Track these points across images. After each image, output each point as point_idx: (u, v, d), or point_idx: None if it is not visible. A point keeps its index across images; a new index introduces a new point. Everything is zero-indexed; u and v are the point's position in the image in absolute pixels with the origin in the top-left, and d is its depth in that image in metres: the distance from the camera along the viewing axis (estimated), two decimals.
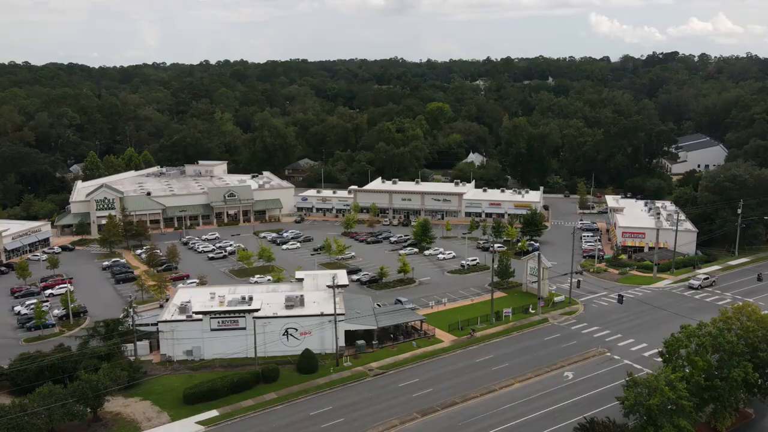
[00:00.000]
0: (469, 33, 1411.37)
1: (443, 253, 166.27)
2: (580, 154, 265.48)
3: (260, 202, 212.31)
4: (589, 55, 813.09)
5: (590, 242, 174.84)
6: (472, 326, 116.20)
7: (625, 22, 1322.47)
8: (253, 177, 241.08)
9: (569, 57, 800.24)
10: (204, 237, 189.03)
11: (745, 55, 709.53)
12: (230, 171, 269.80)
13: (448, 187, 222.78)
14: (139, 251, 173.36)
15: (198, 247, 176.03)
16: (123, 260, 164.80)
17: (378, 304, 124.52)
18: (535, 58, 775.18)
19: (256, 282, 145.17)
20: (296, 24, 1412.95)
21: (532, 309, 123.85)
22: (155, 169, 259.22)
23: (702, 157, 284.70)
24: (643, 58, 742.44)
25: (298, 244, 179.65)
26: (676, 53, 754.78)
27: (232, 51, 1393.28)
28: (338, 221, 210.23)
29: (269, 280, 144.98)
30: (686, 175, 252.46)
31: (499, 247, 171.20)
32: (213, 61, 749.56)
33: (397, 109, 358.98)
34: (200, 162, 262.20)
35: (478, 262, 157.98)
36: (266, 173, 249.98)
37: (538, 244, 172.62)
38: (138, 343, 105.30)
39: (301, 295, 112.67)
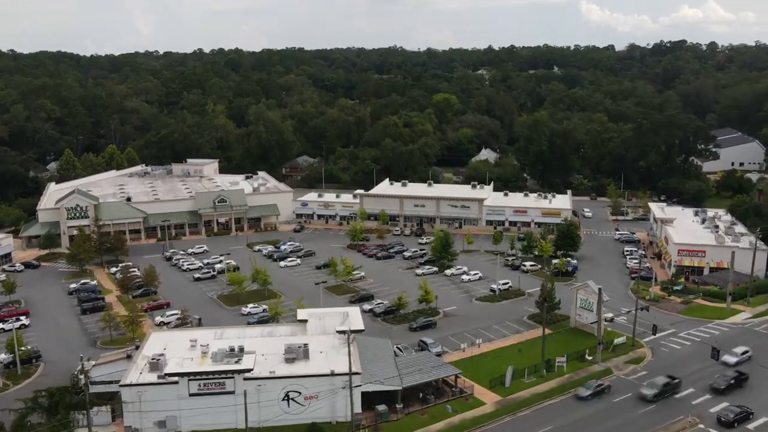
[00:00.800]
0: (461, 22, 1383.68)
1: (468, 274, 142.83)
2: (606, 152, 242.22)
3: (255, 209, 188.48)
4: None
5: (635, 259, 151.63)
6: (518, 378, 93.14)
7: (616, 10, 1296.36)
8: (247, 178, 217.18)
9: (574, 46, 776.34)
10: (190, 250, 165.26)
11: (753, 44, 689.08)
12: (222, 170, 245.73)
13: (465, 190, 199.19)
14: (114, 269, 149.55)
15: (183, 264, 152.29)
16: (93, 282, 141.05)
17: (398, 348, 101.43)
18: (537, 47, 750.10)
19: (249, 313, 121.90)
20: (291, 12, 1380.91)
21: (590, 356, 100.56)
22: (139, 168, 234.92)
23: (737, 154, 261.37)
24: (649, 46, 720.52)
25: (298, 260, 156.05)
26: (684, 42, 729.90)
27: (227, 40, 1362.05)
28: (342, 230, 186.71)
29: (265, 310, 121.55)
30: (725, 176, 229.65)
31: (531, 266, 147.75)
32: (207, 50, 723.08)
33: (401, 101, 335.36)
34: (189, 161, 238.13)
35: (510, 286, 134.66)
36: (261, 174, 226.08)
37: (575, 261, 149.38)
38: (96, 409, 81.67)
39: (305, 345, 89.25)
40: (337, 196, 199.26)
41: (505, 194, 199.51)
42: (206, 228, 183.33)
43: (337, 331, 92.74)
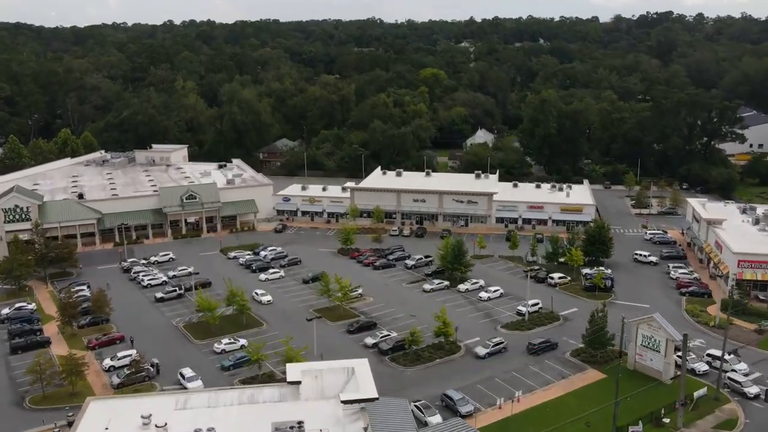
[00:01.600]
0: None
1: (486, 290, 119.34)
2: (618, 134, 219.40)
3: (229, 205, 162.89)
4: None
5: (682, 268, 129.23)
6: None
7: None
8: (221, 167, 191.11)
9: (559, 17, 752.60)
10: (153, 259, 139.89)
11: (740, 16, 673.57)
12: (192, 157, 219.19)
13: (468, 181, 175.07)
14: (60, 286, 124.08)
15: (143, 279, 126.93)
16: (31, 306, 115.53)
17: (417, 407, 78.37)
18: (520, 18, 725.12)
19: (223, 351, 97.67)
20: None
21: (667, 418, 77.90)
22: (97, 155, 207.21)
23: (759, 135, 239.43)
24: (634, 18, 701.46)
25: (282, 272, 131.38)
26: (670, 13, 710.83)
27: (199, 10, 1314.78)
28: (331, 229, 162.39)
29: (243, 347, 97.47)
30: (752, 161, 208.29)
31: (560, 278, 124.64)
32: (178, 21, 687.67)
33: (387, 77, 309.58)
34: (154, 146, 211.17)
35: (541, 307, 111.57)
36: (236, 162, 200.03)
37: (609, 271, 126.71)
38: None
39: (299, 423, 65.21)
40: (324, 189, 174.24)
41: (515, 185, 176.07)
42: (173, 229, 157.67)
43: (342, 402, 68.90)
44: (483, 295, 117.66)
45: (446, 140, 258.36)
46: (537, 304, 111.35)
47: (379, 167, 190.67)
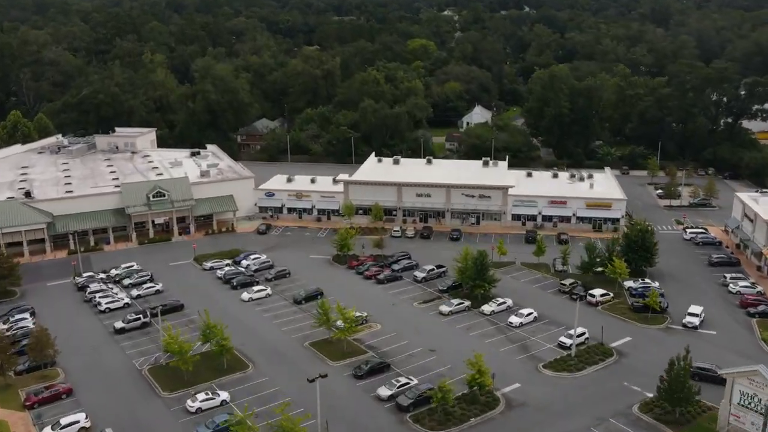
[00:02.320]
0: None
1: (517, 313, 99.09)
2: (632, 113, 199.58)
3: (204, 203, 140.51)
4: None
5: (741, 280, 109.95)
6: None
7: None
8: (194, 155, 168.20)
9: None
10: (114, 272, 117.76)
11: None
12: (161, 141, 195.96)
13: (474, 168, 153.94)
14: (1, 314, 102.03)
15: (100, 302, 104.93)
16: None
17: None
18: None
19: (198, 410, 76.77)
20: None
21: None
22: (53, 140, 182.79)
23: None
24: None
25: (269, 290, 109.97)
26: None
27: None
28: (322, 229, 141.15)
29: (224, 402, 76.74)
30: None
31: (602, 296, 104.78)
32: None
33: (373, 49, 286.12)
34: (118, 130, 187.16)
35: (588, 338, 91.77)
36: (212, 148, 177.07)
37: (656, 284, 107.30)
38: None
39: None
40: (313, 181, 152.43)
41: (529, 175, 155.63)
42: (138, 232, 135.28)
43: None
44: (514, 320, 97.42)
45: (441, 118, 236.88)
46: (583, 334, 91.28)
47: (374, 154, 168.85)
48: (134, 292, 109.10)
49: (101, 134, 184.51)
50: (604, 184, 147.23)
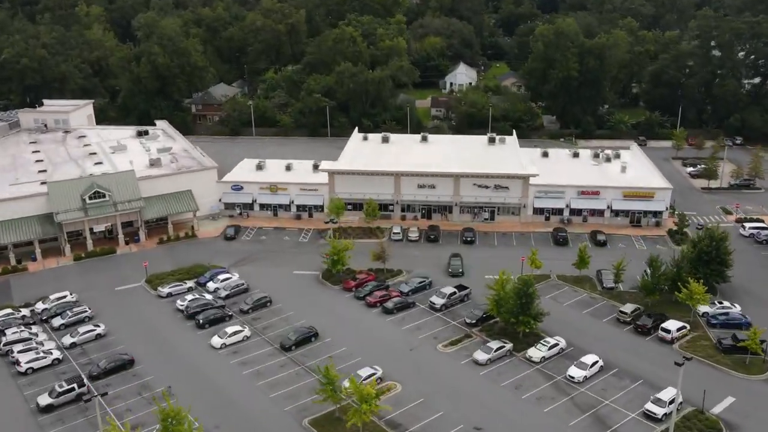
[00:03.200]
0: None
1: (578, 363, 75.64)
2: (646, 74, 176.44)
3: (156, 202, 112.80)
4: None
5: None
6: None
7: None
8: (141, 134, 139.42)
9: None
10: (41, 306, 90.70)
11: None
12: (101, 115, 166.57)
13: (480, 148, 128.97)
14: None
15: (19, 360, 78.11)
16: None
17: None
18: None
19: None
20: None
21: None
22: None
23: None
24: None
25: (246, 330, 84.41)
26: None
27: None
28: (304, 230, 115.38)
29: None
30: None
31: (679, 330, 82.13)
32: None
33: None
34: (47, 103, 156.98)
35: (682, 403, 69.10)
36: (162, 125, 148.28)
37: (739, 310, 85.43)
38: None
39: None
40: (289, 169, 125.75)
41: (545, 154, 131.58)
42: (73, 244, 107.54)
43: None
44: (575, 373, 74.11)
45: (421, 79, 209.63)
46: (674, 399, 68.38)
47: (357, 130, 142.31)
48: (67, 340, 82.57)
49: (26, 109, 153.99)
50: (637, 166, 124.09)
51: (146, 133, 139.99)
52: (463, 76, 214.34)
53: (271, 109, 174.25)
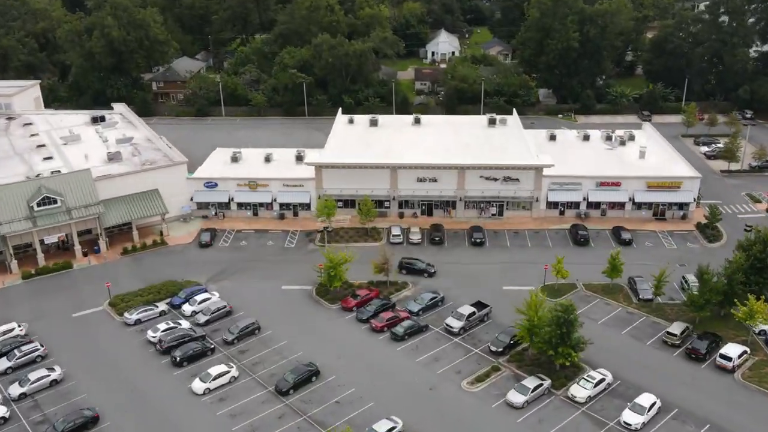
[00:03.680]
0: None
1: (633, 405, 63.94)
2: (645, 42, 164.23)
3: (118, 206, 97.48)
4: None
5: None
6: None
7: None
8: (96, 121, 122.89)
9: None
10: None
11: None
12: (50, 96, 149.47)
13: (479, 129, 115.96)
14: None
15: None
16: None
17: None
18: None
19: None
20: None
21: None
22: None
23: None
24: None
25: (233, 370, 70.80)
26: None
27: None
28: (290, 231, 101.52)
29: None
30: None
31: (742, 356, 70.88)
32: None
33: None
34: None
35: None
36: (120, 109, 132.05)
37: None
38: None
39: None
40: (269, 160, 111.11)
41: (552, 138, 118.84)
42: (20, 259, 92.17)
43: None
44: (631, 419, 62.41)
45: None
46: None
47: (340, 111, 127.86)
48: (15, 390, 68.27)
49: None
50: (656, 151, 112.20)
51: (102, 119, 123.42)
52: (445, 44, 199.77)
53: (241, 86, 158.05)
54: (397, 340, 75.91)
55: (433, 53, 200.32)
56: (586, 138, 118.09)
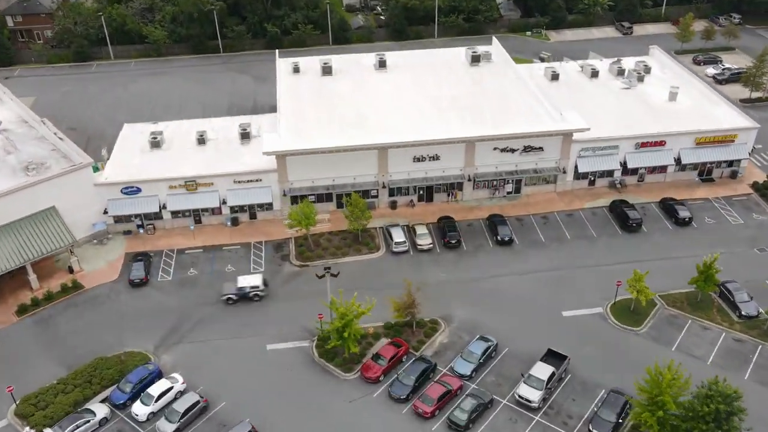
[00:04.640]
0: None
1: None
2: None
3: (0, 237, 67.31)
4: None
5: None
6: None
7: None
8: None
9: None
10: None
11: None
12: None
13: (463, 72, 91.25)
14: None
15: None
16: None
17: None
18: None
19: None
20: None
21: None
22: None
23: None
24: None
25: None
26: None
27: None
28: (251, 240, 74.81)
29: None
30: None
31: None
32: None
33: None
34: None
35: None
36: None
37: None
38: None
39: None
40: (202, 140, 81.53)
41: (555, 77, 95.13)
42: None
43: None
44: None
45: None
46: None
47: (278, 55, 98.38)
48: None
49: None
50: (688, 89, 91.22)
51: None
52: None
53: (131, 18, 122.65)
54: (455, 428, 53.78)
55: None
56: (595, 74, 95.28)
